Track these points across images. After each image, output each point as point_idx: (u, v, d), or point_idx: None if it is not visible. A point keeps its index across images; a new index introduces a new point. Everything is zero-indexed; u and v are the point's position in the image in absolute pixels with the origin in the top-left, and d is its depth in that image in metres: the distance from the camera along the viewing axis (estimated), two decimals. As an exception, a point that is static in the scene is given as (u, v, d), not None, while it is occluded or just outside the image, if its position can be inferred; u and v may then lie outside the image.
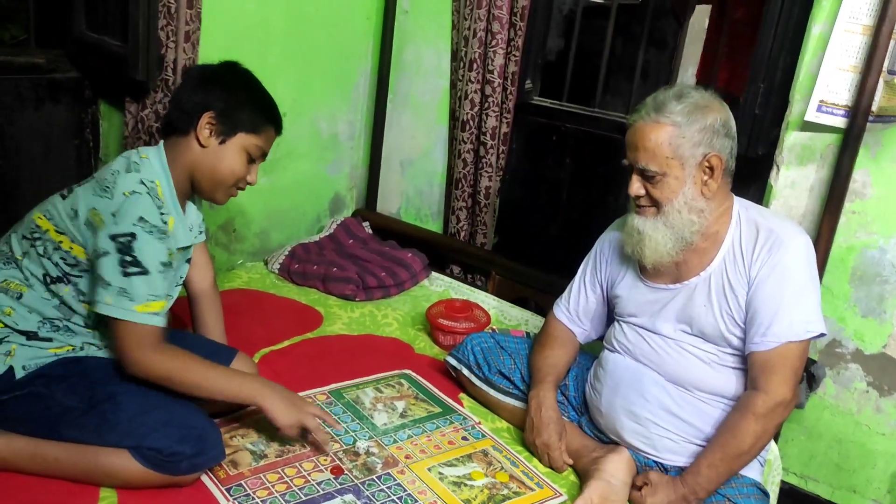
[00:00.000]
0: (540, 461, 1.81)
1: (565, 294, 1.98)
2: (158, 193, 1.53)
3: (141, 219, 1.48)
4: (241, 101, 1.63)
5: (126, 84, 2.25)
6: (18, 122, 2.34)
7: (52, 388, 1.53)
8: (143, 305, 1.49)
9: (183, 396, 1.59)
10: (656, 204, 1.66)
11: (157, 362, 1.53)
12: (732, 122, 1.66)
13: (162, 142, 1.64)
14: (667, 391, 1.71)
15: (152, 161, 1.58)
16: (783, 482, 2.16)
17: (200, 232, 1.85)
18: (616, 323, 1.87)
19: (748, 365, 1.65)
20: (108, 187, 1.51)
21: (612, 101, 3.50)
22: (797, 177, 2.12)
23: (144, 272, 1.49)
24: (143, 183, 1.51)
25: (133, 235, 1.47)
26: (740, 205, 1.71)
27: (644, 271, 1.79)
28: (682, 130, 1.60)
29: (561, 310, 1.98)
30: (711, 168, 1.63)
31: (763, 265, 1.62)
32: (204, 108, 1.60)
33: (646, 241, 1.68)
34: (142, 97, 2.26)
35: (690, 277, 1.71)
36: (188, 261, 1.78)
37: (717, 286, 1.67)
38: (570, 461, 1.80)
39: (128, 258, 1.47)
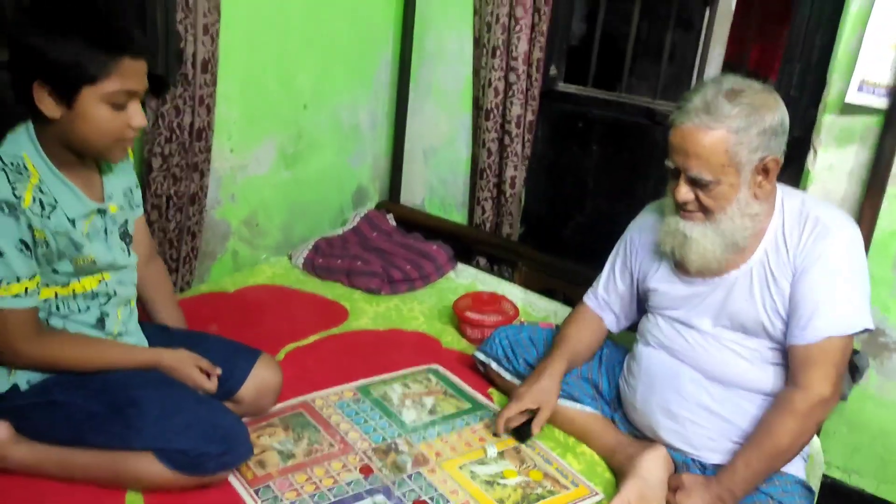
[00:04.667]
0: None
1: (595, 282, 1.93)
2: (27, 166, 1.40)
3: None
4: (62, 49, 1.33)
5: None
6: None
7: (72, 394, 1.50)
8: None
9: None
10: (706, 209, 1.56)
11: (31, 348, 1.44)
12: (787, 118, 1.54)
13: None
14: (705, 389, 1.65)
15: (19, 134, 1.43)
16: (826, 476, 2.09)
17: (138, 206, 1.70)
18: (650, 315, 1.81)
19: (789, 359, 1.58)
20: None
21: (638, 85, 3.42)
22: (836, 160, 2.04)
23: None
24: (0, 158, 1.38)
25: None
26: (783, 192, 1.62)
27: (678, 265, 1.72)
28: (739, 136, 1.48)
29: (590, 297, 1.92)
30: (767, 170, 1.54)
31: (808, 255, 1.54)
32: (30, 77, 1.35)
33: (692, 247, 1.59)
34: (162, 92, 2.23)
35: (730, 271, 1.63)
36: (127, 232, 1.63)
37: (760, 278, 1.60)
38: (500, 430, 1.76)
39: None
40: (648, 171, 2.55)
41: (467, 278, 2.70)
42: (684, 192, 1.56)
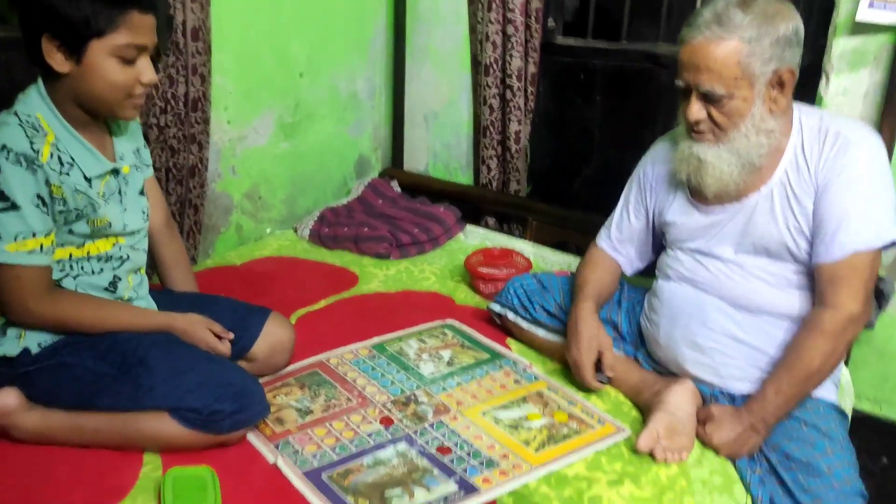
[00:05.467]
0: (576, 378, 1.72)
1: (607, 222, 1.88)
2: (43, 125, 1.40)
3: (3, 147, 1.33)
4: (71, 3, 1.33)
5: (136, 50, 2.17)
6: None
7: (82, 355, 1.47)
8: (13, 244, 1.36)
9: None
10: (720, 128, 1.51)
11: (43, 307, 1.42)
12: (802, 27, 1.48)
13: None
14: (731, 317, 1.60)
15: (31, 95, 1.43)
16: (855, 410, 2.04)
17: (147, 165, 1.69)
18: (668, 250, 1.76)
19: (815, 280, 1.53)
20: None
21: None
22: (849, 84, 1.98)
23: (13, 207, 1.35)
24: (16, 115, 1.39)
25: None
26: (800, 110, 1.57)
27: (695, 194, 1.67)
28: (752, 46, 1.43)
29: (603, 239, 1.87)
30: (782, 83, 1.48)
31: (830, 170, 1.49)
32: (38, 32, 1.35)
33: (708, 170, 1.54)
34: (153, 61, 2.18)
35: (749, 194, 1.58)
36: (142, 193, 1.62)
37: (781, 199, 1.55)
38: (601, 384, 1.70)
39: None
40: (656, 117, 2.49)
41: (477, 238, 2.65)
42: (696, 111, 1.51)
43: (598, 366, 1.71)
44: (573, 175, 2.71)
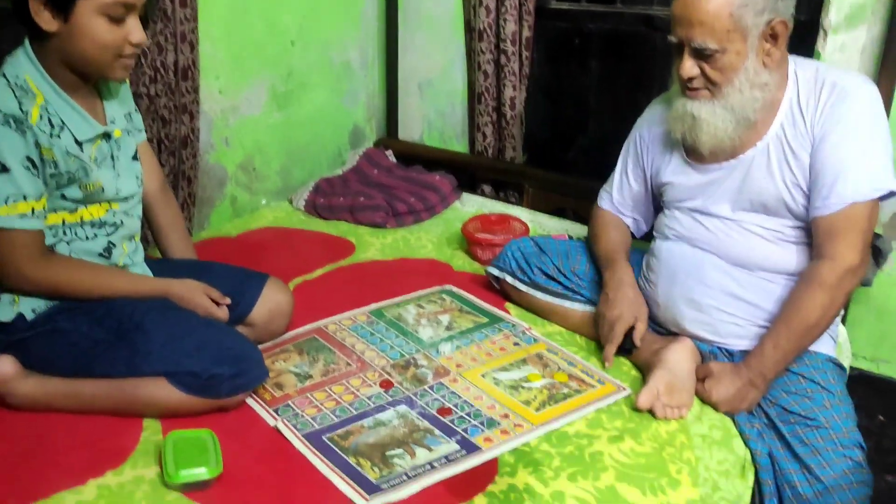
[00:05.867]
0: (601, 337, 1.69)
1: (608, 185, 1.87)
2: (31, 86, 1.39)
3: None
4: None
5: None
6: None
7: (78, 321, 1.46)
8: (4, 207, 1.35)
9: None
10: (713, 84, 1.50)
11: (37, 271, 1.41)
12: None
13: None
14: (729, 274, 1.59)
15: (19, 57, 1.41)
16: (853, 368, 2.05)
17: (139, 130, 1.67)
18: (665, 210, 1.76)
19: (812, 233, 1.53)
20: None
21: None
22: (847, 39, 1.96)
23: (3, 169, 1.34)
24: (4, 76, 1.38)
25: None
26: (796, 63, 1.56)
27: (690, 153, 1.66)
28: None
29: (606, 202, 1.87)
30: (775, 35, 1.46)
31: (826, 121, 1.48)
32: None
33: (703, 127, 1.53)
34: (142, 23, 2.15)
35: (745, 151, 1.58)
36: (135, 158, 1.60)
37: (777, 153, 1.54)
38: (625, 350, 1.67)
39: None
40: (651, 80, 2.47)
41: (473, 206, 2.63)
42: (689, 67, 1.49)
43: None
44: (569, 141, 2.69)
